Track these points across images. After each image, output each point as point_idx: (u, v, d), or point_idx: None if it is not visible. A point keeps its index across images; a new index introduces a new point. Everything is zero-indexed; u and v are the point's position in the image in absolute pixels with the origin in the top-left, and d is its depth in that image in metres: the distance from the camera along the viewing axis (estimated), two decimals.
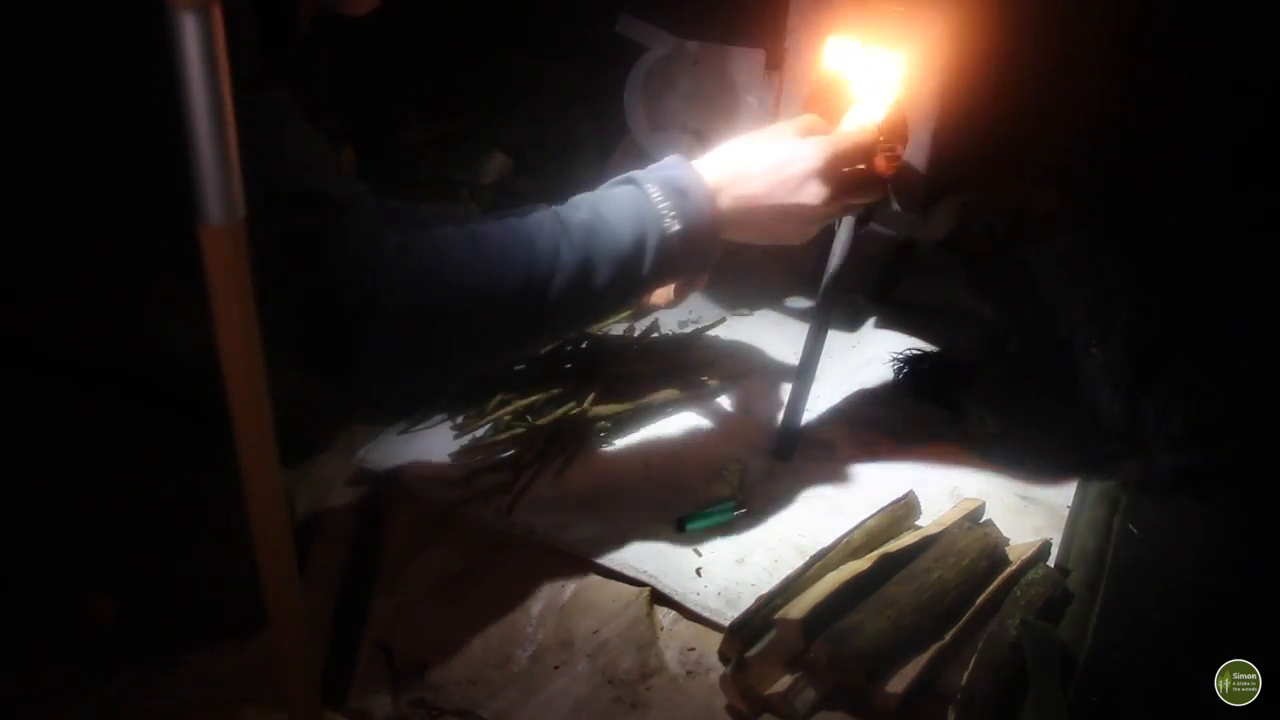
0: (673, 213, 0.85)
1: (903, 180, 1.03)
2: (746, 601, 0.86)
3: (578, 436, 1.12)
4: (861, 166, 0.94)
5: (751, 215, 0.90)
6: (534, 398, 1.16)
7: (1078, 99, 1.36)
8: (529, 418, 1.13)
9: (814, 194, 0.90)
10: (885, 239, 1.55)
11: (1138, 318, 1.05)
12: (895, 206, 1.05)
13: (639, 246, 0.84)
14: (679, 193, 0.86)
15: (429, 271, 0.78)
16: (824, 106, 1.14)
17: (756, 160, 0.90)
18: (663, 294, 1.07)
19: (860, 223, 1.11)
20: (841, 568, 0.87)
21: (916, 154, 1.01)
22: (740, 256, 1.06)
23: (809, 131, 0.94)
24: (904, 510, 0.98)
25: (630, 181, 0.89)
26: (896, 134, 0.99)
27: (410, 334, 0.78)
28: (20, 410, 0.76)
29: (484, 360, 0.88)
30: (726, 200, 0.89)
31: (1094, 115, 1.37)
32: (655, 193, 0.86)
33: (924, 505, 1.01)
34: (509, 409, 1.14)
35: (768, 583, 0.88)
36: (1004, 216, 1.53)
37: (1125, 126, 1.37)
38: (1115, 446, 1.08)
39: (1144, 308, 1.05)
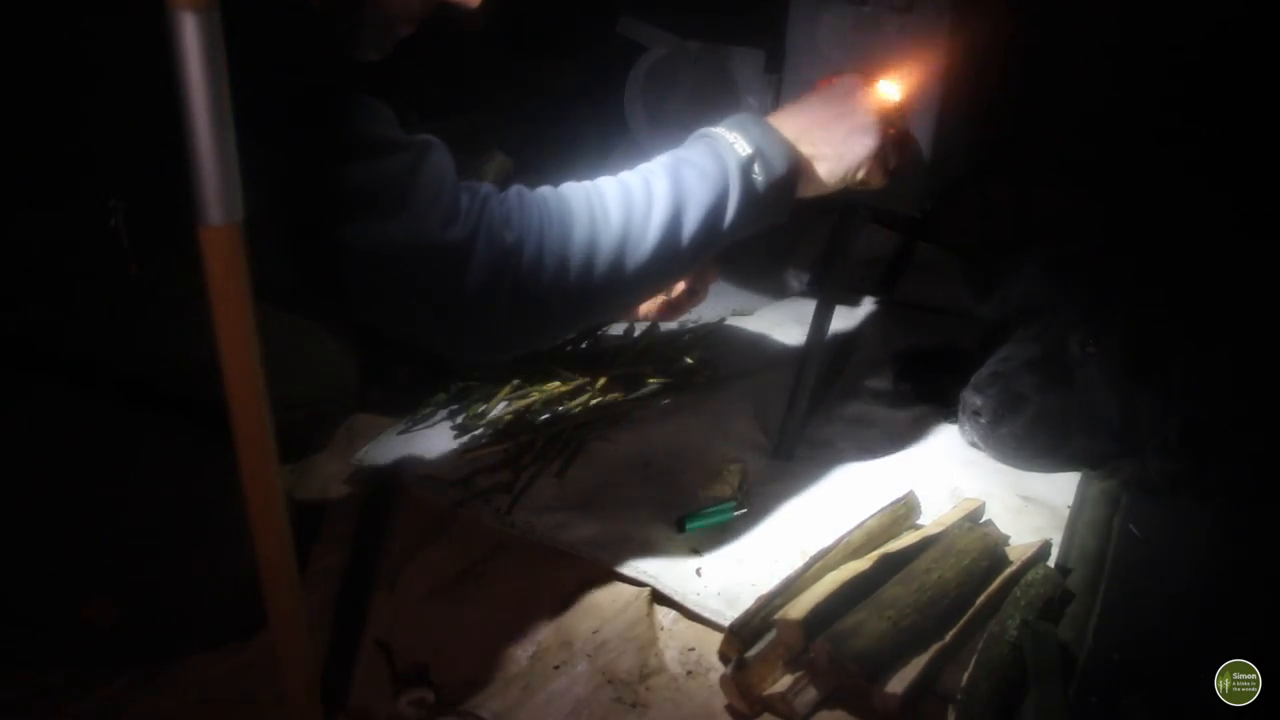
0: (743, 139, 0.88)
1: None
2: (746, 601, 0.86)
3: (578, 437, 1.12)
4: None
5: (813, 129, 0.93)
6: (534, 398, 1.16)
7: (1077, 99, 1.36)
8: (529, 418, 1.14)
9: (864, 99, 0.93)
10: (885, 239, 1.56)
11: (1134, 318, 1.05)
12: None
13: (722, 174, 0.87)
14: (741, 125, 0.90)
15: (531, 208, 0.79)
16: None
17: (807, 96, 0.95)
18: (648, 307, 1.07)
19: (860, 223, 1.11)
20: (841, 568, 0.87)
21: (918, 157, 1.01)
22: (740, 257, 1.06)
23: None
24: (904, 510, 0.98)
25: (700, 134, 0.92)
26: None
27: (523, 270, 0.78)
28: (20, 410, 0.76)
29: (590, 298, 0.83)
30: (787, 122, 0.92)
31: (1093, 115, 1.37)
32: (720, 130, 0.90)
33: (924, 505, 1.01)
34: (510, 409, 1.15)
35: (768, 583, 0.88)
36: (1004, 216, 1.53)
37: (1125, 127, 1.37)
38: (1112, 444, 1.08)
39: (1141, 308, 1.05)
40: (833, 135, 0.92)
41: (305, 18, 0.73)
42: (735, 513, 1.01)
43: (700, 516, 0.99)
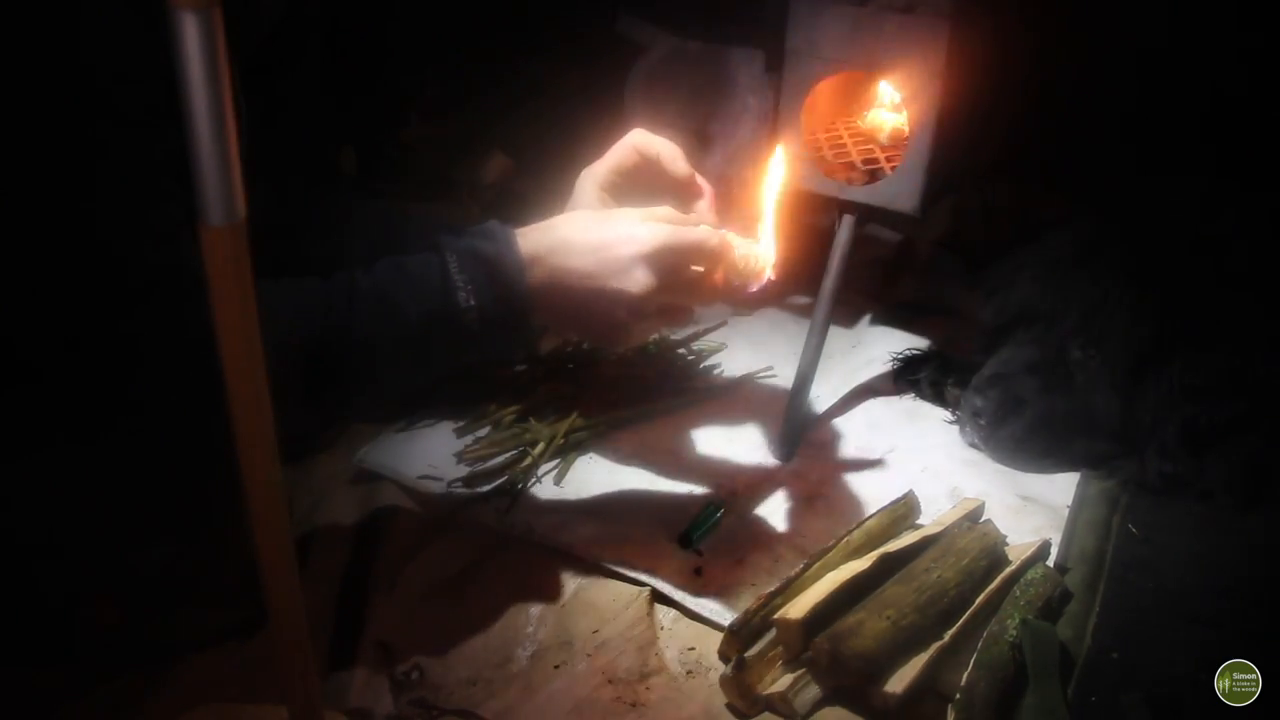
0: (470, 286, 0.79)
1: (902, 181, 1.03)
2: (746, 601, 0.86)
3: (578, 437, 1.12)
4: (697, 269, 0.85)
5: (566, 295, 0.82)
6: (535, 399, 1.16)
7: (1077, 101, 1.36)
8: (530, 419, 1.13)
9: (637, 280, 0.81)
10: (885, 239, 1.56)
11: (1133, 320, 1.05)
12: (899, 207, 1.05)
13: (426, 326, 0.78)
14: (484, 264, 0.79)
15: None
16: (828, 106, 1.15)
17: (583, 234, 0.82)
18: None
19: (860, 223, 1.11)
20: (841, 568, 0.87)
21: (918, 158, 1.02)
22: None
23: (654, 218, 0.84)
24: (904, 510, 0.98)
25: (434, 249, 0.81)
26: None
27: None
28: (19, 410, 0.76)
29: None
30: (540, 274, 0.81)
31: (1093, 117, 1.38)
32: (453, 264, 0.79)
33: (924, 505, 1.01)
34: (510, 410, 1.15)
35: (768, 583, 0.88)
36: (1003, 217, 1.53)
37: (1125, 129, 1.37)
38: (1112, 446, 1.08)
39: (1140, 310, 1.05)
40: (587, 300, 0.81)
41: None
42: (719, 513, 1.00)
43: (699, 527, 0.98)
